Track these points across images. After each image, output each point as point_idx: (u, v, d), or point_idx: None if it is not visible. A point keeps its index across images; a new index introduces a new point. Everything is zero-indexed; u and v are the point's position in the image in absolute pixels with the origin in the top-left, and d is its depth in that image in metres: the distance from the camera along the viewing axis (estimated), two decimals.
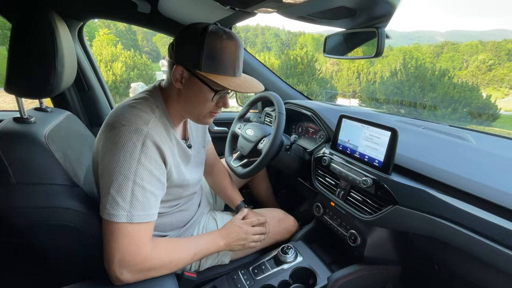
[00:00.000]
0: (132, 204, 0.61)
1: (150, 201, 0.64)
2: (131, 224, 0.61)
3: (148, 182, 0.63)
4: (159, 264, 0.65)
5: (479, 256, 0.62)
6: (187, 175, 0.81)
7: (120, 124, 0.63)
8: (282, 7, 0.72)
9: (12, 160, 0.63)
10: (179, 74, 0.67)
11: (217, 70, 0.65)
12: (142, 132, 0.63)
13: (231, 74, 0.68)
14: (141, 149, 0.62)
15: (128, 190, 0.60)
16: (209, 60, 0.64)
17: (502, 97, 25.43)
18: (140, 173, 0.62)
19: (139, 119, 0.65)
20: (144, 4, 1.08)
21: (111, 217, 0.60)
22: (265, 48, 55.50)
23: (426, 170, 0.76)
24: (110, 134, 0.63)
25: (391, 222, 0.77)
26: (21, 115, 0.71)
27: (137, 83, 11.11)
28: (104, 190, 0.62)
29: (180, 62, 0.67)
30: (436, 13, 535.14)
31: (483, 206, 0.63)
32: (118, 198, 0.60)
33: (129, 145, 0.61)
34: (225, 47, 0.65)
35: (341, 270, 0.86)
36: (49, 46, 0.68)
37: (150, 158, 0.64)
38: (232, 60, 0.67)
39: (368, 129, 0.87)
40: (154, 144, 0.65)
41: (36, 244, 0.69)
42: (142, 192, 0.62)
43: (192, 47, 0.64)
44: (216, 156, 1.13)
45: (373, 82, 16.44)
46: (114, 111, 0.69)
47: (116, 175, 0.60)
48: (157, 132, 0.67)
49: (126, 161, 0.60)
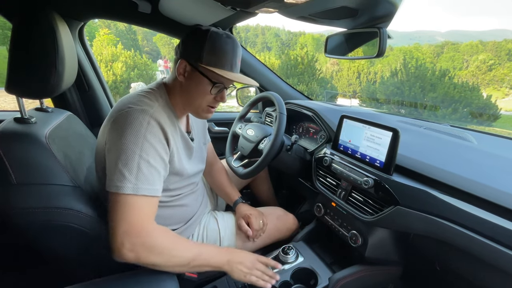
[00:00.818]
0: (138, 177, 0.64)
1: (154, 176, 0.67)
2: (137, 196, 0.63)
3: (152, 158, 0.67)
4: (161, 247, 0.65)
5: (480, 257, 0.62)
6: (186, 164, 0.83)
7: (127, 107, 0.68)
8: (283, 7, 0.72)
9: (13, 160, 0.63)
10: (183, 68, 0.74)
11: (216, 64, 0.72)
12: (147, 112, 0.68)
13: (229, 69, 0.74)
14: (147, 127, 0.67)
15: (134, 163, 0.64)
16: (209, 55, 0.71)
17: (502, 97, 25.44)
18: (145, 148, 0.65)
19: (144, 103, 0.70)
20: (145, 4, 1.08)
21: (117, 189, 0.62)
22: (265, 48, 55.53)
23: (428, 171, 0.75)
24: (117, 116, 0.68)
25: (392, 222, 0.77)
26: (22, 115, 0.71)
27: (137, 83, 11.13)
28: (111, 165, 0.65)
29: (184, 57, 0.74)
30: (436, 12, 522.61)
31: (484, 207, 0.63)
32: (125, 171, 0.63)
33: (136, 123, 0.66)
34: (224, 45, 0.73)
35: (342, 270, 0.86)
36: (50, 47, 0.68)
37: (155, 136, 0.68)
38: (230, 57, 0.74)
39: (369, 130, 0.87)
40: (158, 124, 0.69)
41: (37, 245, 0.69)
42: (147, 166, 0.66)
43: (195, 44, 0.72)
44: (215, 155, 1.15)
45: (373, 82, 16.45)
46: (120, 100, 0.74)
47: (124, 150, 0.64)
48: (161, 116, 0.71)
49: (133, 136, 0.65)
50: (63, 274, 0.79)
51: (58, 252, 0.72)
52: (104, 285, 0.65)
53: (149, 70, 12.73)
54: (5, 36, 13.46)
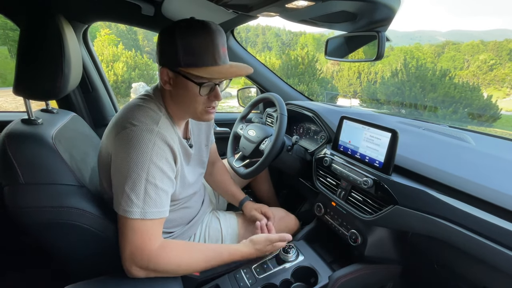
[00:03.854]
0: (145, 202, 0.63)
1: (162, 198, 0.67)
2: (144, 220, 0.63)
3: (160, 180, 0.66)
4: (166, 268, 0.66)
5: (478, 256, 0.63)
6: (187, 173, 0.83)
7: (131, 124, 0.66)
8: (284, 11, 0.74)
9: (21, 161, 0.64)
10: (166, 76, 0.69)
11: (196, 63, 0.65)
12: (153, 131, 0.66)
13: (212, 63, 0.67)
14: (153, 148, 0.65)
15: (141, 188, 0.63)
16: (186, 56, 0.65)
17: (503, 97, 25.37)
18: (152, 171, 0.64)
19: (149, 119, 0.68)
20: (148, 7, 1.09)
21: (125, 213, 0.63)
22: (266, 48, 55.44)
23: (426, 171, 0.77)
24: (122, 134, 0.65)
25: (392, 222, 0.78)
26: (29, 116, 0.73)
27: (138, 83, 11.14)
28: (118, 187, 0.65)
29: (163, 64, 0.69)
30: (437, 12, 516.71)
31: (481, 207, 0.64)
32: (132, 196, 0.62)
33: (141, 144, 0.64)
34: (198, 40, 0.65)
35: (342, 269, 0.87)
36: (56, 50, 0.69)
37: (161, 157, 0.66)
38: (209, 50, 0.66)
39: (368, 130, 0.88)
40: (165, 143, 0.67)
41: (44, 244, 0.71)
42: (155, 190, 0.65)
43: (169, 47, 0.66)
44: (217, 155, 1.14)
45: (374, 82, 16.43)
46: (122, 111, 0.71)
47: (130, 174, 0.63)
48: (166, 131, 0.69)
49: (139, 160, 0.63)
50: (71, 272, 0.80)
51: (64, 251, 0.73)
52: (108, 283, 0.66)
53: (150, 70, 12.73)
54: (6, 36, 13.48)
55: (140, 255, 0.63)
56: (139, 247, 0.63)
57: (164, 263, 0.66)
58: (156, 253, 0.65)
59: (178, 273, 0.69)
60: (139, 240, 0.63)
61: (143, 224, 0.64)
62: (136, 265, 0.64)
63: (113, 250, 0.67)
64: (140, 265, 0.64)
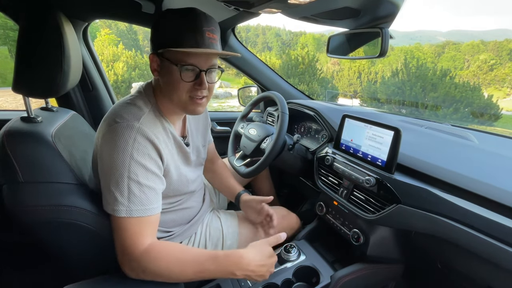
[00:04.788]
0: (130, 199, 0.63)
1: (149, 196, 0.65)
2: (131, 218, 0.63)
3: (143, 177, 0.64)
4: (154, 272, 0.63)
5: (482, 255, 0.63)
6: (185, 172, 0.82)
7: (114, 121, 0.66)
8: (286, 7, 0.73)
9: (20, 159, 0.63)
10: (154, 63, 0.70)
11: (177, 42, 0.64)
12: (133, 128, 0.65)
13: (193, 44, 0.65)
14: (133, 144, 0.64)
15: (124, 186, 0.62)
16: (168, 37, 0.65)
17: (503, 97, 25.38)
18: (133, 169, 0.63)
19: (131, 116, 0.67)
20: (149, 5, 1.08)
21: (113, 212, 0.63)
22: (266, 48, 55.45)
23: (429, 169, 0.76)
24: (106, 132, 0.65)
25: (394, 221, 0.78)
26: (28, 114, 0.72)
27: (138, 83, 11.14)
28: (104, 186, 0.64)
29: (151, 50, 0.70)
30: (437, 12, 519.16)
31: (486, 205, 0.63)
32: (116, 194, 0.62)
33: (121, 141, 0.63)
34: (180, 19, 0.65)
35: (344, 268, 0.87)
36: (56, 47, 0.69)
37: (143, 153, 0.65)
38: (191, 30, 0.64)
39: (371, 129, 0.87)
40: (146, 139, 0.66)
41: (44, 242, 0.70)
42: (138, 187, 0.63)
43: (156, 33, 0.68)
44: (216, 154, 1.13)
45: (374, 82, 16.43)
46: (111, 109, 0.72)
47: (113, 172, 0.62)
48: (149, 127, 0.68)
49: (120, 157, 0.62)
50: (71, 271, 0.80)
51: (64, 249, 0.73)
52: (108, 283, 0.66)
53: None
54: (6, 36, 13.47)
55: (128, 254, 0.62)
56: (128, 247, 0.62)
57: (153, 267, 0.63)
58: (144, 253, 0.63)
59: (170, 278, 0.64)
60: (128, 239, 0.63)
61: (129, 222, 0.63)
62: (127, 265, 0.63)
63: (112, 249, 0.67)
64: (129, 266, 0.63)
